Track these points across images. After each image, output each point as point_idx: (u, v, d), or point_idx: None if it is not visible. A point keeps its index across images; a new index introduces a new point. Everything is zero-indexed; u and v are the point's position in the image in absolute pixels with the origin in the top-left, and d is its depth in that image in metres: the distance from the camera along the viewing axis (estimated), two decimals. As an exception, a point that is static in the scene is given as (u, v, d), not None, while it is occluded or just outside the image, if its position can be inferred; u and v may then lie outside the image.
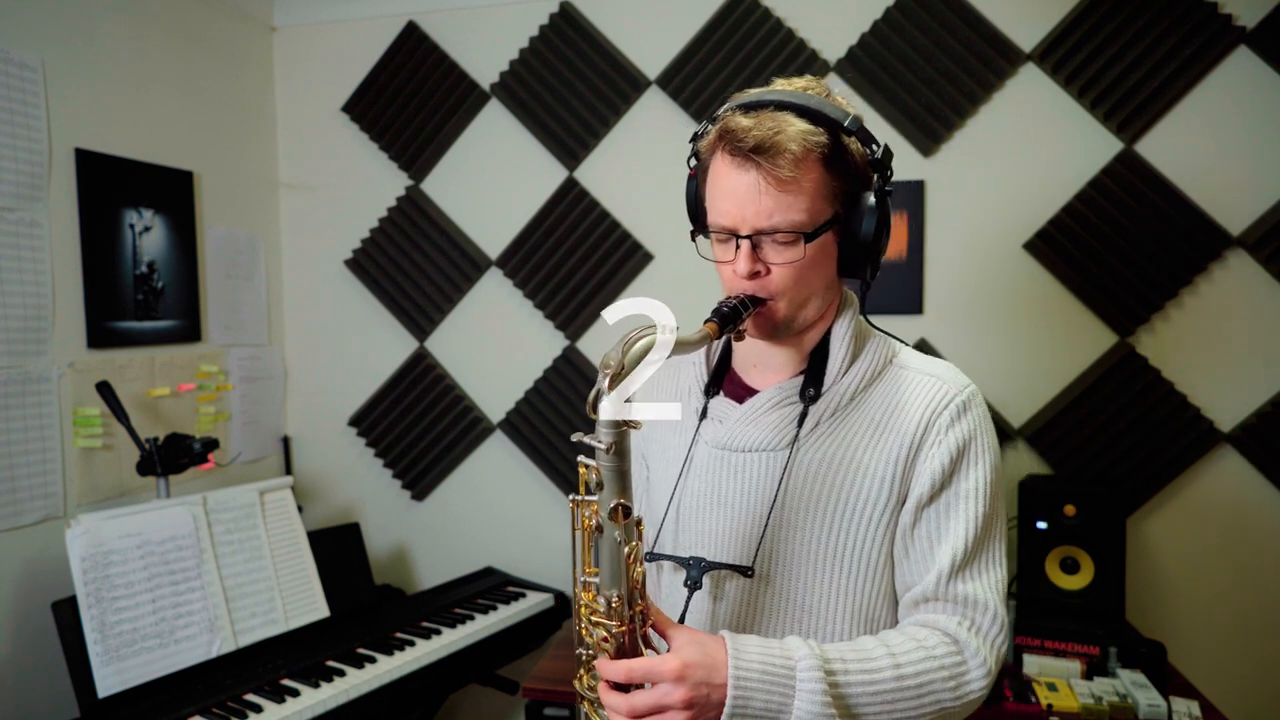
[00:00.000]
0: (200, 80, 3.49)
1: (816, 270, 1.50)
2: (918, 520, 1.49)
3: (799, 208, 1.43)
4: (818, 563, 1.50)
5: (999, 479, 1.52)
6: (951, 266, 3.23)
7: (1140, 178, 3.04)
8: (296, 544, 3.08)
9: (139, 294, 3.18)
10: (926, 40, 3.19)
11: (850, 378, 1.55)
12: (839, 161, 1.46)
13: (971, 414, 1.51)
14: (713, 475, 1.60)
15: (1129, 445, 3.09)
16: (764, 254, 1.47)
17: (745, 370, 1.67)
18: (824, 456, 1.52)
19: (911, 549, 1.49)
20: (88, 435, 2.95)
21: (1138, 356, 3.08)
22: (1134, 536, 3.10)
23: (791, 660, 1.34)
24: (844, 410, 1.54)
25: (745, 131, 1.42)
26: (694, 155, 1.60)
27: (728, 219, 1.47)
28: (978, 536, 1.47)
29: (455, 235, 3.70)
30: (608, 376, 1.28)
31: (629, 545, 1.34)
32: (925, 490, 1.48)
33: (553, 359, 3.63)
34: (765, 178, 1.42)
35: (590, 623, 1.38)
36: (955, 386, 1.52)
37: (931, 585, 1.45)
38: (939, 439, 1.48)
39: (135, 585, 2.64)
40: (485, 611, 3.23)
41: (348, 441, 3.93)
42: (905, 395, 1.53)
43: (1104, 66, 3.05)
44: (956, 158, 3.21)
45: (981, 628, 1.44)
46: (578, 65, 3.52)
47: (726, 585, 1.55)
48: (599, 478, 1.32)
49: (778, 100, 1.47)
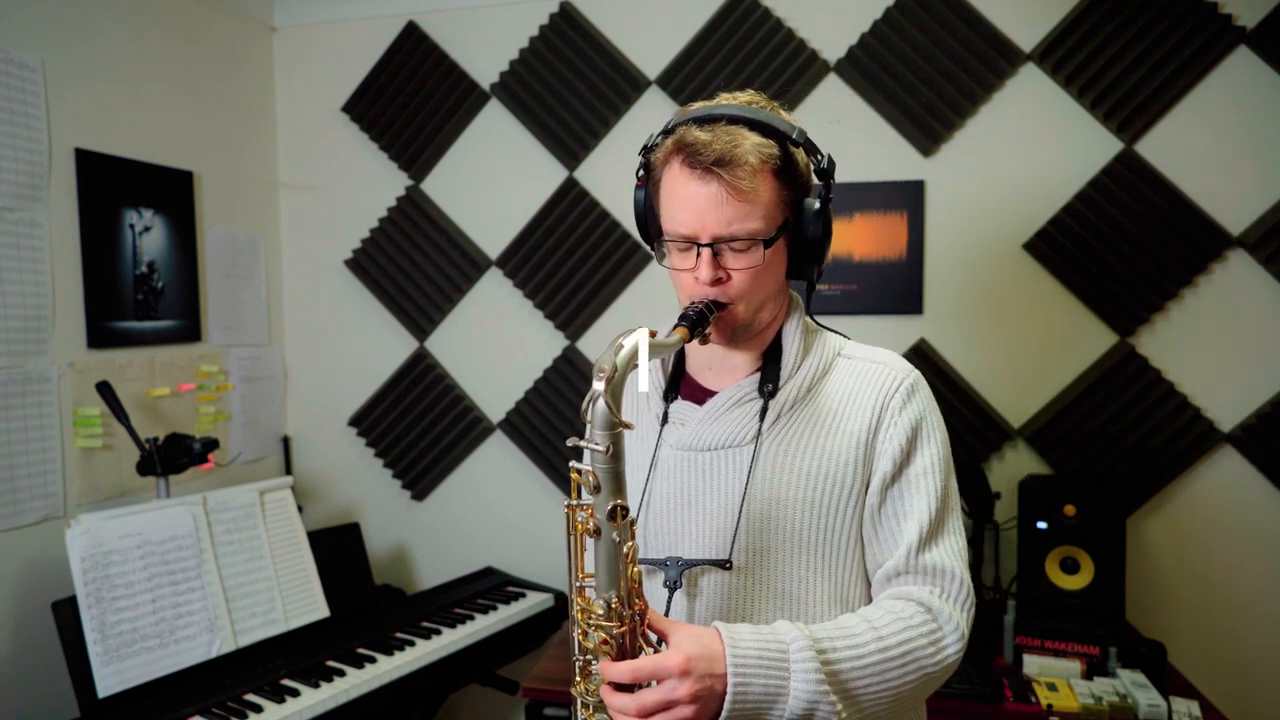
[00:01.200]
0: (200, 80, 3.49)
1: (771, 274, 1.58)
2: (884, 499, 1.56)
3: (756, 215, 1.50)
4: (793, 549, 1.57)
5: (949, 453, 1.62)
6: (951, 266, 3.23)
7: (1140, 178, 3.04)
8: (296, 544, 3.08)
9: (139, 294, 3.18)
10: (926, 40, 3.19)
11: (804, 372, 1.63)
12: (788, 171, 1.55)
13: (919, 395, 1.60)
14: (680, 476, 1.66)
15: (1129, 445, 3.10)
16: (724, 260, 1.53)
17: (700, 373, 1.73)
18: (788, 447, 1.59)
19: (880, 527, 1.57)
20: (88, 435, 2.95)
21: (1138, 356, 3.08)
22: (1134, 536, 3.10)
23: (784, 643, 1.38)
24: (802, 403, 1.61)
25: (704, 145, 1.49)
26: (643, 167, 1.66)
27: (687, 228, 1.53)
28: (939, 509, 1.55)
29: (455, 235, 3.70)
30: (603, 380, 1.31)
31: (626, 544, 1.36)
32: (888, 469, 1.56)
33: (553, 359, 3.64)
34: (726, 189, 1.48)
35: (589, 626, 1.40)
36: (901, 372, 1.61)
37: (902, 559, 1.53)
38: (894, 420, 1.57)
39: (135, 585, 2.64)
40: (485, 611, 3.23)
41: (348, 441, 3.93)
42: (857, 383, 1.61)
43: (1104, 66, 3.06)
44: (956, 158, 3.21)
45: (951, 593, 1.51)
46: (578, 65, 3.52)
47: (705, 581, 1.60)
48: (596, 480, 1.34)
49: (729, 114, 1.54)
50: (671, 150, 1.55)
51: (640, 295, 3.52)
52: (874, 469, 1.57)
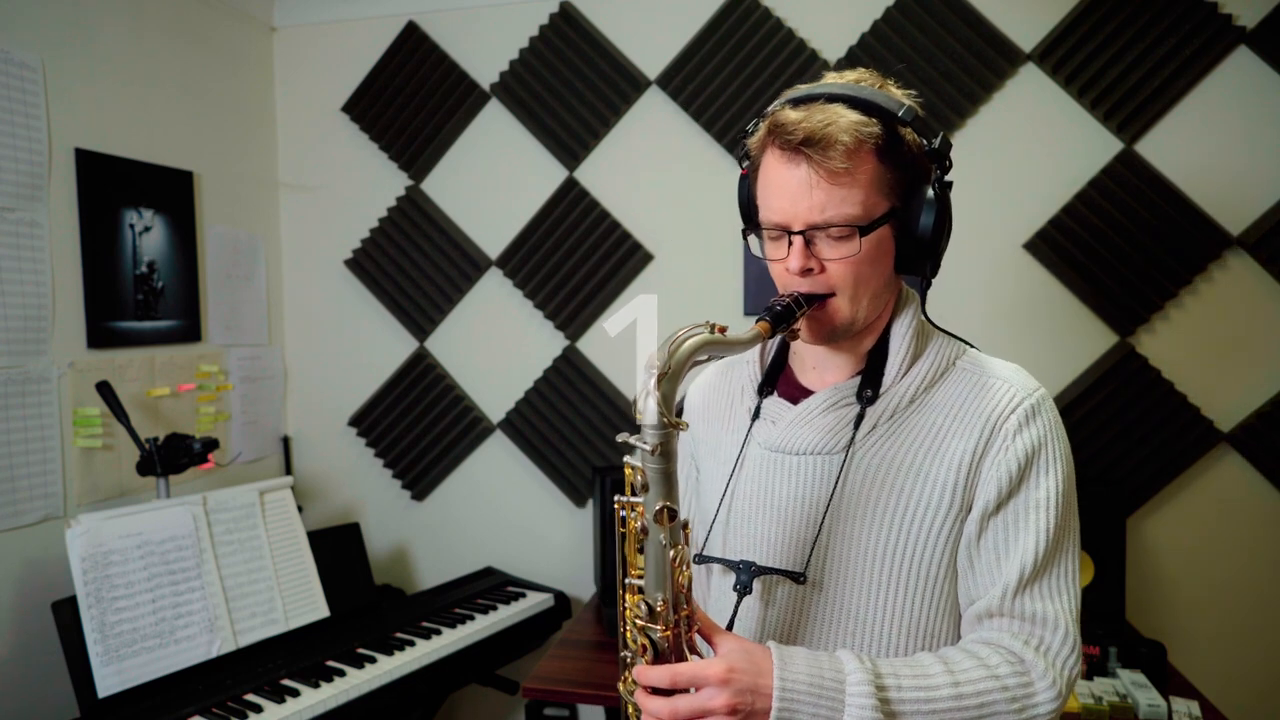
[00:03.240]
0: (200, 80, 3.49)
1: (873, 266, 1.45)
2: (983, 530, 1.42)
3: (853, 200, 1.39)
4: (874, 572, 1.45)
5: (1072, 489, 1.45)
6: (951, 266, 3.20)
7: (1140, 178, 3.04)
8: (296, 544, 3.08)
9: (139, 294, 3.18)
10: (926, 40, 3.19)
11: (911, 379, 1.50)
12: (894, 153, 1.42)
13: (1042, 418, 1.44)
14: (765, 477, 1.56)
15: (1129, 445, 3.09)
16: (818, 250, 1.43)
17: (801, 370, 1.63)
18: (882, 460, 1.47)
19: (976, 561, 1.43)
20: (88, 435, 2.95)
21: (1138, 356, 3.08)
22: (1134, 536, 3.10)
23: (841, 674, 1.30)
24: (903, 413, 1.49)
25: (795, 124, 1.39)
26: (744, 154, 1.56)
27: (779, 215, 1.43)
28: (1048, 549, 1.39)
29: (455, 235, 3.70)
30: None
31: (674, 549, 1.30)
32: (992, 498, 1.41)
33: (553, 359, 3.64)
34: (816, 170, 1.38)
35: (635, 626, 1.34)
36: (1024, 389, 1.46)
37: (997, 600, 1.39)
38: (1006, 444, 1.41)
39: (135, 585, 2.64)
40: (485, 611, 3.23)
41: (348, 441, 3.93)
42: (970, 398, 1.47)
43: (1104, 66, 3.06)
44: (956, 157, 3.16)
45: (1051, 648, 1.36)
46: (578, 65, 3.52)
47: (777, 591, 1.51)
48: (644, 479, 1.29)
49: (828, 93, 1.44)
50: (766, 133, 1.45)
51: (640, 296, 3.52)
52: (976, 496, 1.42)
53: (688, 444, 1.80)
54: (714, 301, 3.43)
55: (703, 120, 3.39)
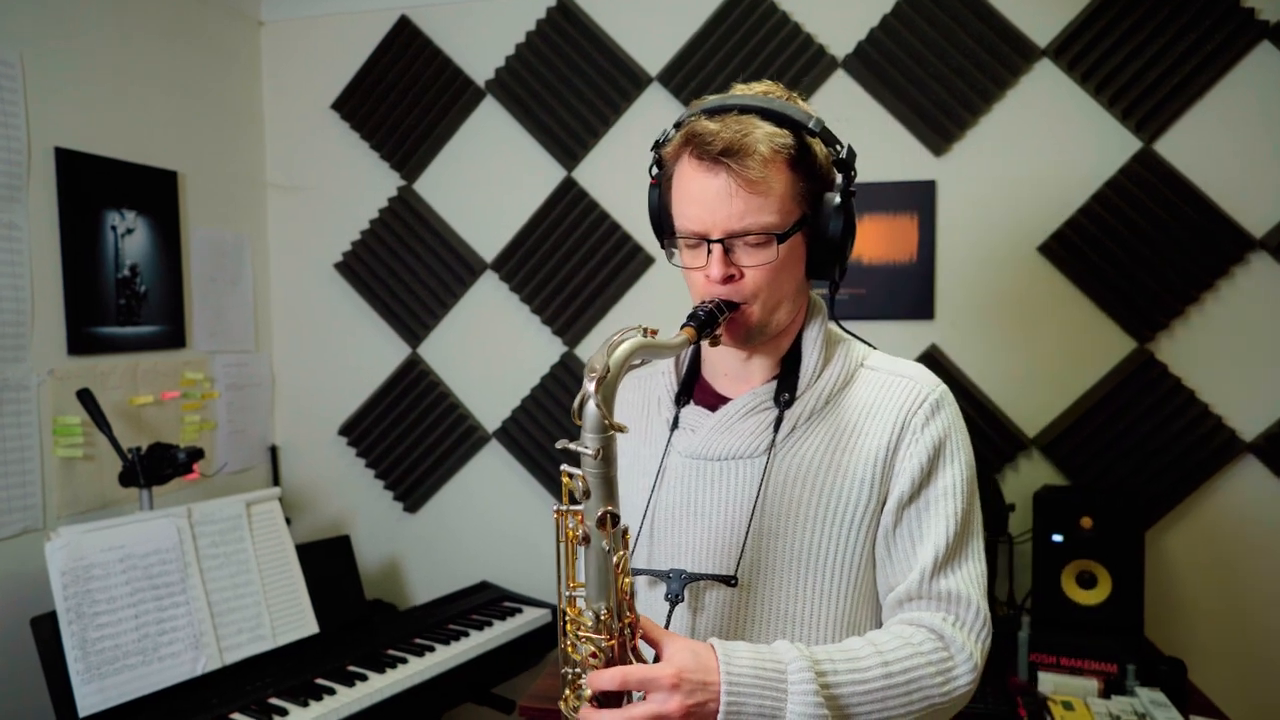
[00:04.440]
0: (185, 77, 3.51)
1: (788, 272, 1.57)
2: (899, 520, 1.55)
3: (770, 209, 1.49)
4: (801, 568, 1.56)
5: (973, 475, 1.59)
6: (964, 270, 3.25)
7: (1159, 178, 3.05)
8: (284, 557, 3.10)
9: (121, 298, 3.21)
10: (938, 35, 3.21)
11: (823, 382, 1.62)
12: (805, 163, 1.53)
13: (945, 412, 1.58)
14: (688, 485, 1.65)
15: (1148, 455, 3.11)
16: (736, 258, 1.53)
17: (715, 378, 1.72)
18: (802, 461, 1.58)
19: (894, 549, 1.56)
20: (68, 445, 2.97)
21: (1156, 363, 3.10)
22: (1153, 549, 3.12)
23: (782, 663, 1.38)
24: (819, 414, 1.61)
25: (713, 135, 1.48)
26: (656, 163, 1.66)
27: (697, 223, 1.52)
28: (958, 533, 1.53)
29: (449, 237, 3.73)
30: (594, 380, 1.33)
31: (617, 554, 1.37)
32: (906, 489, 1.54)
33: (550, 366, 3.65)
34: (735, 180, 1.48)
35: (577, 638, 1.41)
36: (927, 386, 1.60)
37: (915, 584, 1.52)
38: (915, 438, 1.55)
39: (117, 600, 2.66)
40: (480, 628, 3.25)
41: (338, 451, 3.95)
42: (879, 396, 1.60)
43: (1122, 62, 3.07)
44: (969, 157, 3.23)
45: (966, 622, 1.50)
46: (576, 61, 3.54)
47: (708, 596, 1.59)
48: (585, 485, 1.35)
49: (741, 104, 1.54)
50: (681, 143, 1.55)
51: (641, 300, 3.54)
52: (891, 488, 1.55)
53: None
54: None
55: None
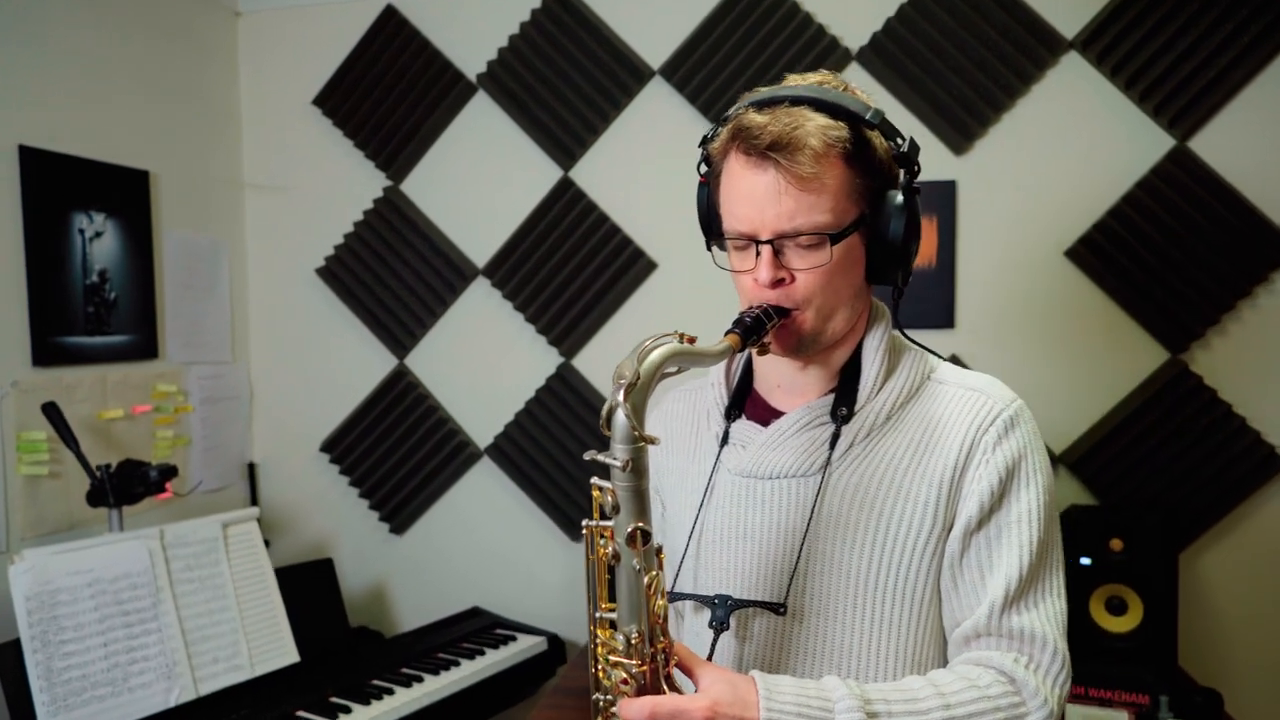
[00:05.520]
0: (157, 71, 3.51)
1: (844, 276, 1.53)
2: (966, 548, 1.50)
3: (822, 207, 1.46)
4: (856, 598, 1.51)
5: (1053, 501, 1.54)
6: (986, 276, 3.24)
7: (1194, 178, 3.05)
8: (263, 582, 3.08)
9: (89, 306, 3.20)
10: (958, 26, 3.21)
11: (885, 395, 1.58)
12: (862, 157, 1.49)
13: (1020, 430, 1.54)
14: (737, 505, 1.62)
15: (1182, 472, 3.10)
16: (786, 260, 1.50)
17: (769, 391, 1.69)
18: (860, 481, 1.54)
19: (960, 580, 1.50)
20: (32, 462, 2.96)
21: (1191, 375, 3.09)
22: (1187, 573, 3.10)
23: (829, 701, 1.34)
24: (880, 430, 1.56)
25: (761, 128, 1.45)
26: (704, 160, 1.63)
27: (746, 224, 1.50)
28: (1032, 564, 1.47)
29: (438, 241, 3.72)
30: (622, 388, 1.29)
31: (649, 574, 1.34)
32: (974, 514, 1.49)
33: (545, 378, 3.65)
34: (785, 176, 1.44)
35: (608, 663, 1.38)
36: (1001, 401, 1.56)
37: (984, 619, 1.46)
38: (986, 458, 1.50)
39: (85, 627, 2.65)
40: (472, 656, 3.24)
41: (320, 469, 3.94)
42: (946, 412, 1.55)
43: (1154, 55, 3.07)
44: (992, 156, 3.23)
45: (1041, 664, 1.43)
46: (573, 54, 3.54)
47: (755, 625, 1.56)
48: (615, 500, 1.33)
49: (793, 95, 1.50)
50: (728, 138, 1.52)
51: (643, 308, 3.54)
52: (958, 512, 1.51)
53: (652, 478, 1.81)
54: (723, 314, 3.35)
55: (711, 114, 3.41)
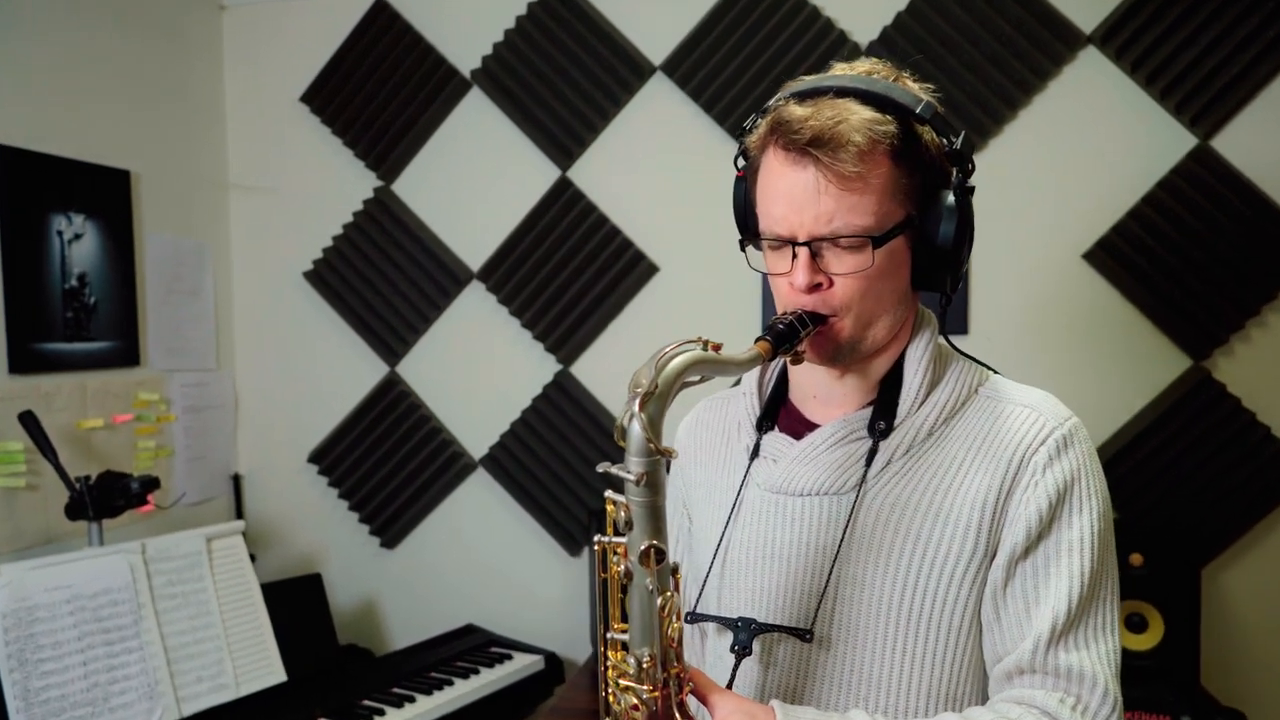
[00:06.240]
0: (139, 67, 3.52)
1: (886, 282, 1.48)
2: (1011, 576, 1.45)
3: (865, 209, 1.41)
4: (889, 626, 1.47)
5: (1109, 528, 1.48)
6: (1000, 280, 3.24)
7: (1217, 178, 3.05)
8: (249, 598, 3.08)
9: (68, 311, 3.20)
10: (971, 20, 3.20)
11: (928, 409, 1.53)
12: (911, 154, 1.45)
13: (1075, 450, 1.47)
14: (765, 522, 1.58)
15: (1204, 484, 3.09)
16: (825, 263, 1.45)
17: (804, 402, 1.65)
18: (897, 500, 1.49)
19: (1004, 611, 1.45)
20: (9, 473, 2.96)
21: (1214, 383, 3.09)
22: (1210, 589, 3.10)
23: None
24: (921, 447, 1.52)
25: (801, 122, 1.40)
26: (741, 154, 1.59)
27: (782, 224, 1.45)
28: (1083, 596, 1.42)
29: (431, 244, 3.72)
30: (638, 397, 1.26)
31: (663, 596, 1.31)
32: (1020, 540, 1.43)
33: (543, 386, 3.65)
34: (825, 174, 1.40)
35: (618, 687, 1.36)
36: (1054, 419, 1.50)
37: (1028, 654, 1.41)
38: (1035, 479, 1.44)
39: (64, 646, 2.65)
40: (466, 675, 3.24)
41: (308, 481, 3.94)
42: (995, 429, 1.50)
43: (1175, 50, 3.06)
44: (1006, 155, 3.23)
45: (1089, 707, 1.38)
46: (572, 49, 3.54)
47: (780, 651, 1.53)
48: (628, 515, 1.30)
49: (838, 86, 1.45)
50: (767, 131, 1.47)
51: (644, 313, 3.54)
52: (1003, 538, 1.45)
53: (679, 489, 1.81)
54: (728, 320, 3.43)
55: (715, 112, 3.41)
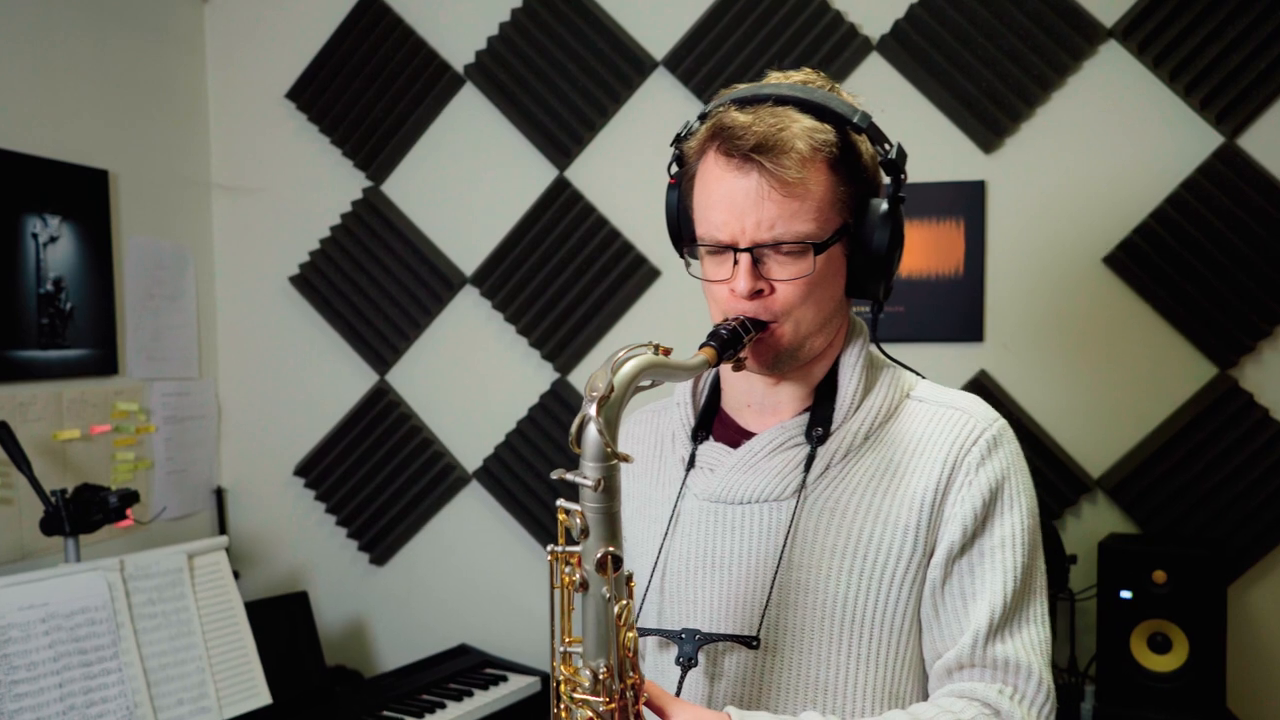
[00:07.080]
0: (117, 62, 3.52)
1: (825, 289, 1.56)
2: (949, 575, 1.53)
3: (806, 215, 1.48)
4: (834, 629, 1.54)
5: (1036, 524, 1.58)
6: (1018, 284, 3.24)
7: (1243, 177, 3.05)
8: (232, 617, 3.08)
9: (43, 317, 3.21)
10: (988, 13, 3.20)
11: (863, 414, 1.61)
12: (848, 163, 1.53)
13: (1003, 450, 1.57)
14: (704, 533, 1.64)
15: (1230, 499, 3.09)
16: (766, 269, 1.52)
17: (738, 411, 1.71)
18: (837, 504, 1.56)
19: (942, 608, 1.54)
20: (-18, 488, 2.97)
21: (1241, 392, 3.08)
22: (1236, 608, 3.10)
23: None
24: (857, 452, 1.59)
25: (744, 128, 1.46)
26: (676, 160, 1.66)
27: (724, 230, 1.51)
28: (1017, 590, 1.51)
29: (422, 247, 3.73)
30: (595, 401, 1.30)
31: (619, 603, 1.35)
32: (957, 538, 1.52)
33: (539, 395, 3.65)
34: (768, 181, 1.46)
35: (572, 701, 1.38)
36: (984, 420, 1.58)
37: (967, 649, 1.49)
38: (969, 479, 1.53)
39: (39, 667, 2.64)
40: (459, 698, 3.24)
41: (293, 494, 3.94)
42: (926, 432, 1.59)
43: (1200, 45, 3.06)
44: (1024, 154, 3.23)
45: (1026, 695, 1.47)
46: (569, 43, 3.55)
47: (726, 661, 1.58)
48: (583, 523, 1.33)
49: (777, 94, 1.53)
50: (707, 137, 1.53)
51: (645, 318, 3.55)
52: (939, 537, 1.53)
53: None
54: None
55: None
